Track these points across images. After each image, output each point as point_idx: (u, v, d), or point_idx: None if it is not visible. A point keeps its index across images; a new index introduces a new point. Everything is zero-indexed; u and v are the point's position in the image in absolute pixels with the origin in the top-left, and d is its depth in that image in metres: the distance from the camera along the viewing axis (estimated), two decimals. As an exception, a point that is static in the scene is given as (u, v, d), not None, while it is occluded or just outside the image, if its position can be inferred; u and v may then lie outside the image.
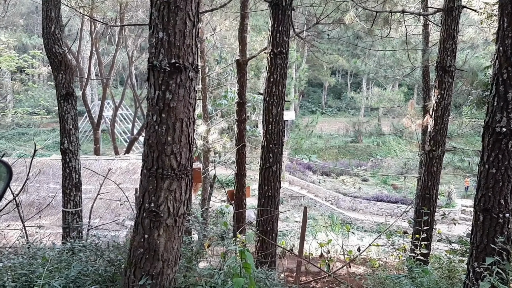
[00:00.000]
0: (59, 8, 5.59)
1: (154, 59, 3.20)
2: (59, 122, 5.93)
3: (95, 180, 10.99)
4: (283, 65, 6.04)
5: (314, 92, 50.90)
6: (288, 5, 5.89)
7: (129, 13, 18.43)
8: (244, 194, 10.73)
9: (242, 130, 10.89)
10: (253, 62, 18.79)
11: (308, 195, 26.84)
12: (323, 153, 36.47)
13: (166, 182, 3.31)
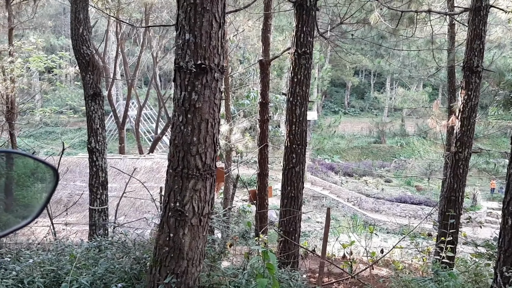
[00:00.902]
0: (87, 10, 5.71)
1: (181, 60, 3.24)
2: (87, 122, 6.05)
3: (120, 179, 11.17)
4: (307, 66, 6.03)
5: (336, 92, 50.54)
6: (313, 5, 5.87)
7: (153, 14, 18.65)
8: (266, 194, 10.74)
9: (265, 130, 10.89)
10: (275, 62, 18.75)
11: (330, 195, 26.67)
12: (345, 154, 36.18)
13: (191, 182, 3.35)
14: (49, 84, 19.86)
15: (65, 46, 36.64)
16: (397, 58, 21.12)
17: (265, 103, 10.85)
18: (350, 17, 10.02)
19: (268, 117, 11.02)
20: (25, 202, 1.14)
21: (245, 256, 4.05)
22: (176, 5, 3.27)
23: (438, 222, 8.27)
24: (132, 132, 29.95)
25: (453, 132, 8.92)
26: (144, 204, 10.36)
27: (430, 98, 33.61)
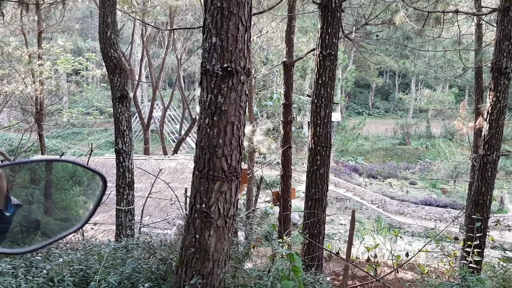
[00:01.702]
0: (115, 13, 5.82)
1: (207, 64, 3.28)
2: (114, 124, 6.16)
3: (145, 179, 11.30)
4: (332, 67, 6.00)
5: (360, 93, 50.04)
6: (338, 6, 5.85)
7: (178, 16, 18.86)
8: (290, 196, 10.72)
9: (288, 131, 10.88)
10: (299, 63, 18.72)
11: (354, 197, 26.43)
12: (369, 155, 35.80)
13: (217, 184, 3.38)
14: (77, 86, 20.32)
15: (92, 48, 37.34)
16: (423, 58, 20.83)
17: (289, 104, 10.84)
18: (375, 18, 9.93)
19: (292, 119, 11.00)
20: (64, 205, 1.17)
21: (270, 259, 4.06)
22: (203, 9, 3.31)
23: (464, 225, 8.10)
24: (156, 133, 30.33)
25: (480, 134, 8.73)
26: (168, 204, 10.46)
27: (456, 99, 32.98)
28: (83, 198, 1.18)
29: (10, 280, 3.16)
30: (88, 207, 1.11)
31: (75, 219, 1.17)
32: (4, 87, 15.96)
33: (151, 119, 22.81)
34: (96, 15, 35.89)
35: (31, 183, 1.13)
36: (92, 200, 1.11)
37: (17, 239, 1.08)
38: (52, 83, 17.96)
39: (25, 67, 15.97)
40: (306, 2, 12.16)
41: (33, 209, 1.12)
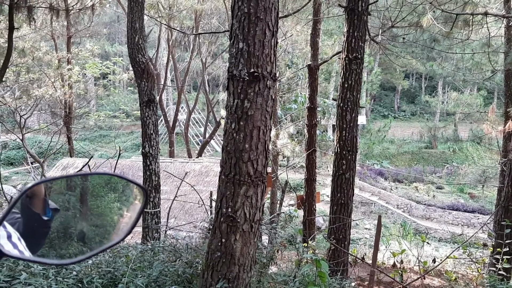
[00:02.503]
0: (143, 19, 5.91)
1: (234, 69, 3.30)
2: (141, 127, 6.26)
3: (170, 182, 11.44)
4: (358, 71, 5.96)
5: (386, 95, 49.41)
6: (364, 10, 5.80)
7: (203, 20, 19.04)
8: (314, 200, 10.66)
9: (313, 135, 10.83)
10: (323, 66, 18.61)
11: (379, 201, 26.08)
12: (395, 159, 35.29)
13: (243, 188, 3.39)
14: (104, 89, 20.72)
15: (118, 53, 38.03)
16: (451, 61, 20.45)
17: (313, 107, 10.80)
18: (401, 20, 9.81)
19: (316, 122, 10.95)
20: (99, 212, 1.20)
21: (295, 264, 4.04)
22: (230, 15, 3.33)
23: (493, 232, 7.91)
24: (181, 136, 30.64)
25: (510, 138, 8.52)
26: (193, 207, 10.55)
27: (485, 102, 32.22)
28: (118, 205, 1.20)
29: (41, 281, 3.23)
30: (129, 219, 1.13)
31: (110, 225, 1.19)
32: (34, 90, 16.40)
33: (176, 122, 23.07)
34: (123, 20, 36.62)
35: (68, 189, 1.16)
36: (134, 213, 1.13)
37: (54, 245, 1.11)
38: (81, 87, 18.37)
39: (54, 71, 16.38)
40: (331, 5, 12.11)
41: (78, 221, 1.15)
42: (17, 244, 0.97)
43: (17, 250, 0.96)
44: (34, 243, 1.05)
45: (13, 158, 28.83)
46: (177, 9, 14.86)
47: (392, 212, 25.14)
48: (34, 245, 1.04)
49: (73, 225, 1.16)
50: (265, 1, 3.18)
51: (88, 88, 21.79)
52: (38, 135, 27.63)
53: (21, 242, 0.99)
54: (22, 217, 1.07)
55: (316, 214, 11.11)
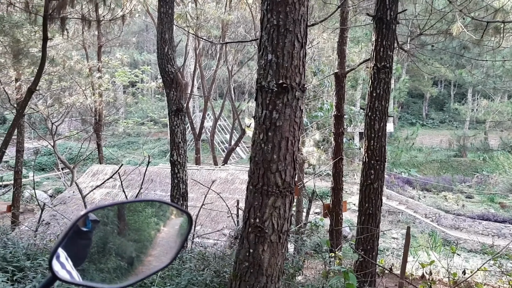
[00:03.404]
0: (172, 30, 6.02)
1: (262, 80, 3.32)
2: (169, 136, 6.35)
3: (197, 189, 11.52)
4: (386, 80, 5.90)
5: (414, 103, 48.64)
6: (393, 19, 5.76)
7: (230, 29, 19.22)
8: (341, 209, 10.56)
9: (339, 143, 10.75)
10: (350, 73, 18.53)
11: (407, 210, 25.63)
12: (423, 167, 34.65)
13: (271, 199, 3.40)
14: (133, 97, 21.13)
15: (147, 61, 38.69)
16: (481, 68, 20.05)
17: (340, 115, 10.74)
18: (430, 28, 9.68)
19: (343, 130, 10.88)
20: (136, 227, 1.23)
21: (323, 275, 4.02)
22: (259, 27, 3.36)
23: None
24: (207, 143, 30.88)
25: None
26: (219, 214, 10.60)
27: (516, 110, 31.40)
28: (155, 220, 1.23)
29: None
30: (175, 244, 1.16)
31: (147, 240, 1.22)
32: (66, 98, 16.84)
33: (202, 129, 23.29)
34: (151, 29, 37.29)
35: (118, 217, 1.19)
36: (179, 238, 1.16)
37: (94, 259, 1.14)
38: (110, 95, 18.77)
39: (85, 79, 16.80)
40: (358, 12, 12.05)
41: (127, 246, 1.18)
42: (65, 264, 1.01)
43: (65, 270, 0.99)
44: (76, 256, 1.08)
45: (44, 164, 29.62)
46: (204, 19, 15.07)
47: (420, 221, 24.68)
48: (77, 258, 1.08)
49: (112, 240, 1.19)
50: (294, 13, 3.20)
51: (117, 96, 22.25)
52: (69, 141, 28.33)
53: (68, 262, 1.02)
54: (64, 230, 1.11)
55: (342, 223, 11.00)
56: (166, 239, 1.22)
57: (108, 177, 12.62)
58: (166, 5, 5.96)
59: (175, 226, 1.23)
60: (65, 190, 15.30)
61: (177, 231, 1.20)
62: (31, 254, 4.23)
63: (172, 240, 1.19)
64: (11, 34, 12.58)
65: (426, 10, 9.70)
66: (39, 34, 12.54)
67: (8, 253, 4.00)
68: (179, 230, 1.20)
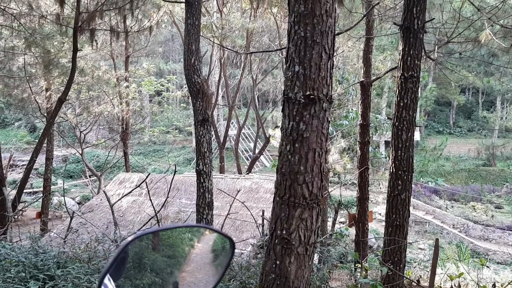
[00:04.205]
0: (199, 41, 6.09)
1: (290, 91, 3.32)
2: (195, 145, 6.40)
3: (221, 198, 11.56)
4: (414, 89, 5.82)
5: (440, 111, 47.77)
6: (420, 28, 5.69)
7: (254, 39, 19.34)
8: (367, 219, 10.42)
9: (365, 152, 10.63)
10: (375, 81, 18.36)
11: (434, 221, 25.15)
12: (450, 177, 33.96)
13: (297, 211, 3.38)
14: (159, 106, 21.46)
15: (172, 70, 39.22)
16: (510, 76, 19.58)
17: (366, 124, 10.63)
18: (458, 36, 9.53)
19: (369, 139, 10.76)
20: (170, 242, 1.24)
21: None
22: (287, 39, 3.37)
23: None
24: (231, 151, 31.03)
25: None
26: (243, 223, 10.61)
27: (547, 118, 30.53)
28: (189, 236, 1.25)
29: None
30: (218, 269, 1.17)
31: (181, 256, 1.23)
32: (94, 107, 17.21)
33: (227, 138, 23.41)
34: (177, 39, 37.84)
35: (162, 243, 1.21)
36: (222, 262, 1.16)
37: (130, 275, 1.15)
38: (137, 104, 19.10)
39: (113, 89, 17.14)
40: (384, 20, 11.95)
41: (162, 261, 1.20)
42: (108, 285, 1.02)
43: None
44: (116, 271, 1.10)
45: (72, 171, 30.27)
46: (229, 28, 15.21)
47: (448, 232, 24.20)
48: (116, 273, 1.09)
49: (147, 255, 1.21)
50: (321, 24, 3.20)
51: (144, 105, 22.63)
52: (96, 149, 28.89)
53: (111, 282, 1.04)
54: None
55: (368, 233, 10.86)
56: (200, 255, 1.23)
57: (135, 185, 12.81)
58: (193, 17, 6.04)
59: (209, 242, 1.23)
60: (93, 197, 15.59)
61: (211, 248, 1.21)
62: (61, 262, 4.31)
63: (207, 256, 1.20)
64: (42, 46, 12.96)
65: (454, 18, 9.57)
66: (68, 45, 12.89)
67: (39, 261, 4.09)
68: (213, 246, 1.21)
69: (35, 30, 12.30)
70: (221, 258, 1.19)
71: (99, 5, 10.25)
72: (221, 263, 1.18)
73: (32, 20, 12.32)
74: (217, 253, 1.25)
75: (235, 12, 17.97)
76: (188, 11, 6.16)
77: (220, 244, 1.29)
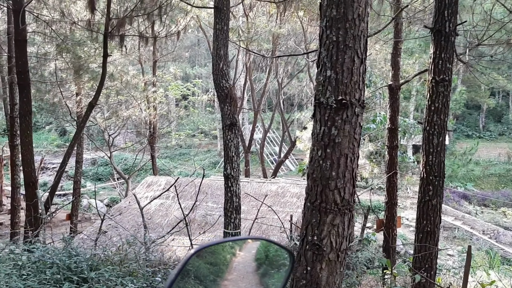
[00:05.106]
0: (227, 46, 6.13)
1: (321, 96, 3.30)
2: (223, 150, 6.44)
3: (247, 201, 11.58)
4: (445, 93, 5.71)
5: (469, 114, 46.68)
6: (452, 31, 5.58)
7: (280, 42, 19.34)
8: (395, 224, 10.26)
9: (394, 157, 10.48)
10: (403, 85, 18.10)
11: (463, 226, 24.59)
12: (480, 182, 33.17)
13: (329, 217, 3.34)
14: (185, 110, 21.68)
15: (198, 75, 39.57)
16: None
17: (394, 128, 10.48)
18: (489, 38, 9.33)
19: (397, 144, 10.60)
20: (212, 249, 1.24)
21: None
22: (318, 44, 3.35)
23: None
24: (256, 155, 31.07)
25: None
26: (269, 228, 10.59)
27: None
28: (230, 243, 1.24)
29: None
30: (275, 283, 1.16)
31: (223, 264, 1.23)
32: (122, 112, 17.51)
33: (252, 141, 23.46)
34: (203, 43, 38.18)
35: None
36: (282, 276, 1.16)
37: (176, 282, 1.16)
38: (164, 108, 19.33)
39: (141, 93, 17.41)
40: (412, 23, 11.79)
41: (204, 268, 1.20)
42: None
43: None
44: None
45: (100, 174, 30.86)
46: (255, 32, 15.26)
47: (477, 238, 23.65)
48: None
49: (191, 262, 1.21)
50: (354, 29, 3.17)
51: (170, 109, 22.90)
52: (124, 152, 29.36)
53: None
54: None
55: (397, 239, 10.69)
56: (242, 264, 1.22)
57: (162, 188, 12.96)
58: (222, 22, 6.08)
59: (251, 251, 1.23)
60: (121, 200, 15.84)
61: (254, 257, 1.20)
62: (93, 264, 4.38)
63: (250, 266, 1.19)
64: (73, 51, 13.28)
65: (485, 20, 9.38)
66: (98, 51, 13.16)
67: (72, 263, 4.17)
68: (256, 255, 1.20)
69: (67, 36, 12.61)
70: (280, 272, 1.18)
71: (128, 11, 10.44)
72: (283, 272, 1.17)
73: (63, 26, 12.65)
74: (251, 252, 1.25)
75: (260, 16, 18.01)
76: (217, 17, 6.21)
77: (254, 242, 1.28)
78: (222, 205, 6.79)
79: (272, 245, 1.23)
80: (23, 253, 4.56)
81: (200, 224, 10.66)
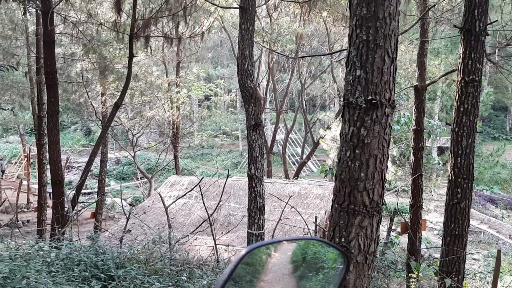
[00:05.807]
0: (252, 46, 6.13)
1: (350, 96, 3.25)
2: (248, 150, 6.43)
3: (270, 202, 11.54)
4: (475, 94, 5.59)
5: (496, 116, 45.62)
6: (482, 30, 5.45)
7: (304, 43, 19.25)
8: (420, 227, 10.08)
9: (419, 159, 10.29)
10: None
11: (489, 230, 24.06)
12: (507, 185, 32.41)
13: (357, 218, 3.29)
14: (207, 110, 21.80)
15: (220, 75, 39.73)
16: None
17: (420, 130, 10.29)
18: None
19: (423, 145, 10.41)
20: (246, 249, 1.22)
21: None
22: (347, 43, 3.31)
23: None
24: (278, 155, 31.01)
25: None
26: (292, 229, 10.54)
27: None
28: (337, 277, 1.21)
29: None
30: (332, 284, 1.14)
31: (259, 264, 1.21)
32: (146, 112, 17.70)
33: (274, 142, 23.42)
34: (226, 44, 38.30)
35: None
36: (336, 276, 1.13)
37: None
38: (187, 108, 19.47)
39: (164, 94, 17.57)
40: (440, 23, 11.58)
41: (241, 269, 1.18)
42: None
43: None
44: None
45: (124, 173, 31.28)
46: (278, 33, 15.26)
47: (504, 242, 23.13)
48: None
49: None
50: (385, 28, 3.12)
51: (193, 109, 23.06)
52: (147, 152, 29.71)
53: None
54: None
55: (421, 242, 10.51)
56: (278, 265, 1.20)
57: (185, 188, 13.04)
58: (247, 22, 6.08)
59: (287, 252, 1.20)
60: (145, 199, 16.01)
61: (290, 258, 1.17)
62: (119, 262, 4.43)
63: (286, 267, 1.17)
64: (99, 52, 13.48)
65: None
66: (123, 51, 13.33)
67: (99, 261, 4.22)
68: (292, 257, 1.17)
69: (93, 37, 12.81)
70: (332, 273, 1.15)
71: (153, 12, 10.54)
72: (335, 276, 1.14)
73: (90, 27, 12.87)
74: (287, 254, 1.22)
75: (284, 17, 17.97)
76: (242, 17, 6.20)
77: (289, 244, 1.26)
78: (244, 205, 6.78)
79: (328, 246, 1.20)
80: (51, 250, 4.64)
81: (223, 224, 10.67)
